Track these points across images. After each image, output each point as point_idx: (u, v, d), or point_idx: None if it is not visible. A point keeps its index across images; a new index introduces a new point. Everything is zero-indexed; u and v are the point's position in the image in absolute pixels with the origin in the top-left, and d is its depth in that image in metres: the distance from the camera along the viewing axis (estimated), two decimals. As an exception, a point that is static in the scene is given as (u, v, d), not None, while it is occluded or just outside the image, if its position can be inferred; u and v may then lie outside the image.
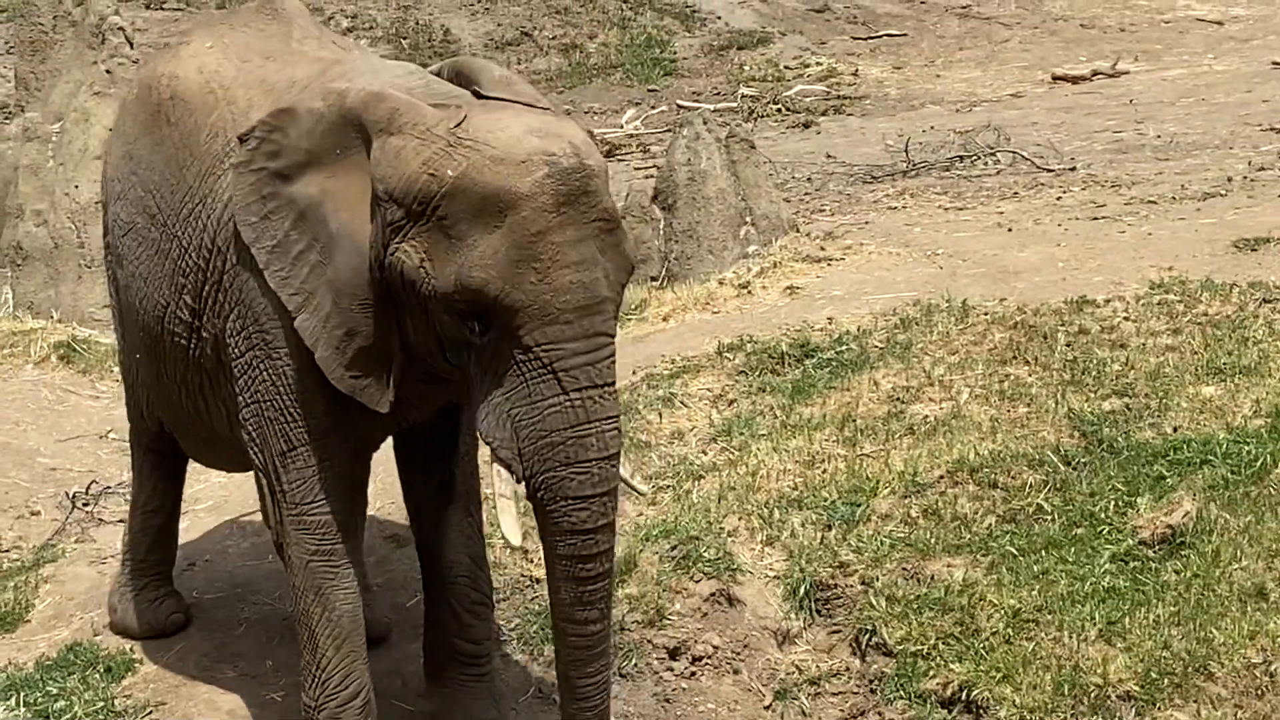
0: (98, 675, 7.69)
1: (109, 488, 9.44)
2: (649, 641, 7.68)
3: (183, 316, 6.85)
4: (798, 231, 12.14)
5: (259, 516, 7.54)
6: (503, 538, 6.27)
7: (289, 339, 6.36)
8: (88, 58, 11.88)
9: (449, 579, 7.09)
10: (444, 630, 7.11)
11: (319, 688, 6.67)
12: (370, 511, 7.35)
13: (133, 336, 7.40)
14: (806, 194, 13.54)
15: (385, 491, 8.04)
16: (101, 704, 7.49)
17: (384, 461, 7.03)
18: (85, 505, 9.31)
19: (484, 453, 6.38)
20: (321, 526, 6.57)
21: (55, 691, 7.59)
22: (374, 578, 7.82)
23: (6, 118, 12.70)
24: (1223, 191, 12.19)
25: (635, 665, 7.54)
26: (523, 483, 6.02)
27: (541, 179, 5.80)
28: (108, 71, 11.88)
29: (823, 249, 11.77)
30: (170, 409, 7.36)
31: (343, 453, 6.56)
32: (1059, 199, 12.58)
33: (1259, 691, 7.01)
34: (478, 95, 6.23)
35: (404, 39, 18.48)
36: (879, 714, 7.43)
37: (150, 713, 7.46)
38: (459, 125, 5.95)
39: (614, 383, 6.05)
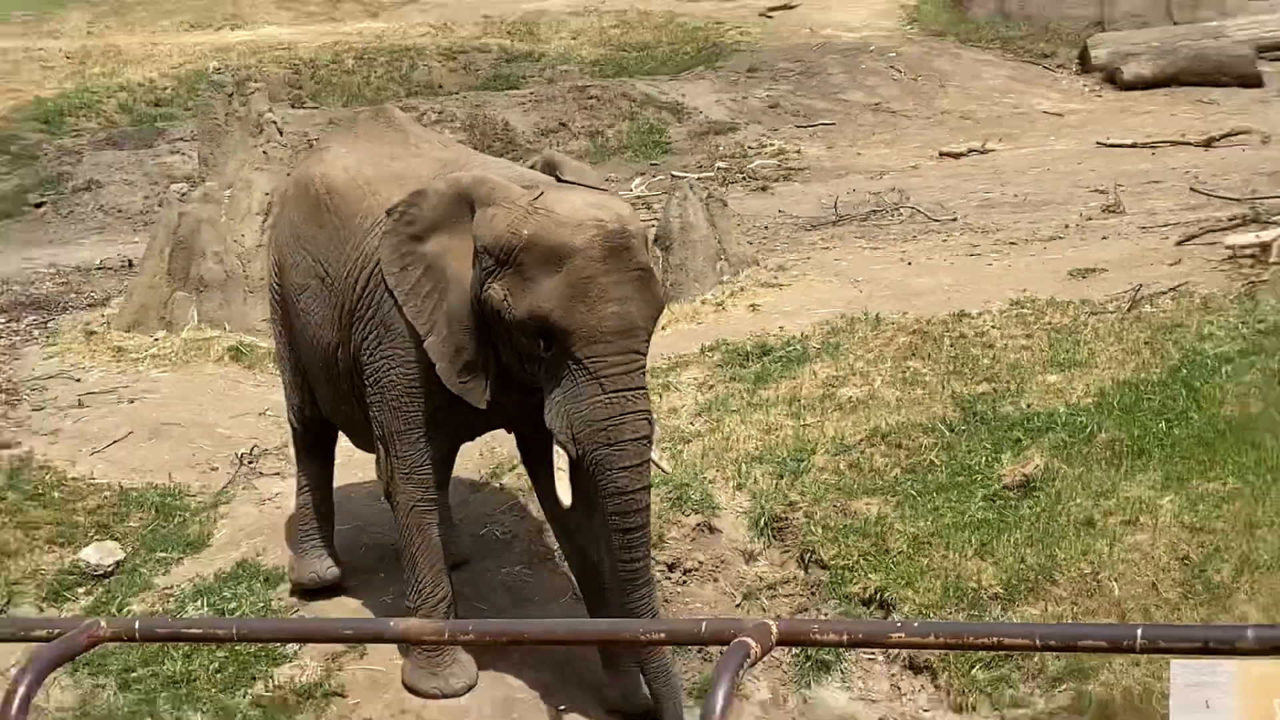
0: (259, 584, 7.76)
1: (266, 450, 9.46)
2: (654, 559, 7.72)
3: (349, 348, 6.90)
4: (758, 265, 12.13)
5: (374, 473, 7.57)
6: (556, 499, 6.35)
7: (416, 352, 6.46)
8: (249, 143, 11.91)
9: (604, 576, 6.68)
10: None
11: (418, 594, 6.78)
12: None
13: (311, 366, 7.33)
14: (764, 238, 13.51)
15: (464, 454, 8.05)
16: (261, 604, 7.55)
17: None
18: (250, 463, 9.33)
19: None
20: (425, 483, 6.68)
21: (229, 595, 7.67)
22: (456, 514, 7.84)
23: (193, 186, 12.73)
24: (1062, 235, 12.18)
25: (643, 576, 7.57)
26: (577, 455, 6.15)
27: (591, 237, 5.98)
28: (264, 153, 11.92)
29: (776, 278, 11.77)
30: (343, 416, 7.33)
31: (444, 433, 6.69)
32: (945, 241, 12.57)
33: (1089, 593, 7.05)
34: (558, 180, 6.42)
35: (475, 128, 18.47)
36: (818, 609, 7.45)
37: (296, 610, 7.51)
38: (536, 199, 6.12)
39: (644, 386, 6.20)
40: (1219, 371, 8.37)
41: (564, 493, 6.21)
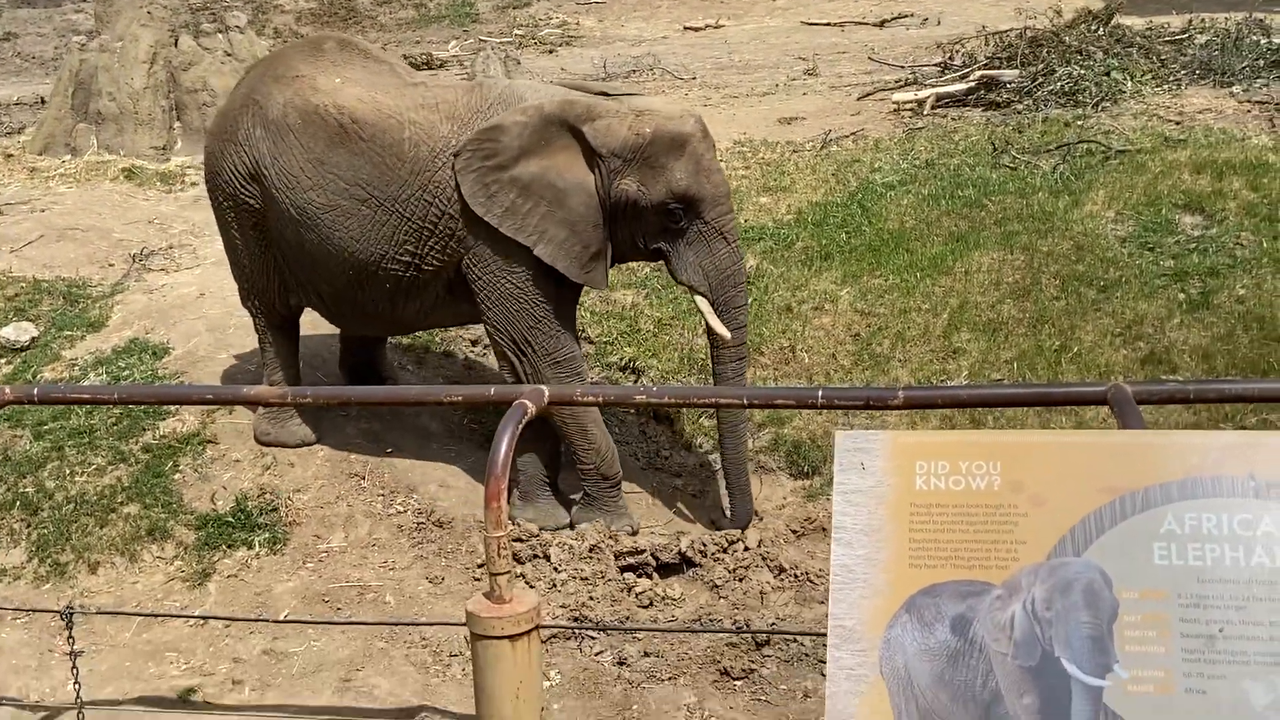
0: (148, 355, 7.36)
1: (154, 251, 8.98)
2: (461, 338, 7.54)
3: (401, 258, 5.88)
4: (544, 111, 11.87)
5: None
6: (716, 334, 5.92)
7: (521, 263, 5.78)
8: (137, 4, 11.29)
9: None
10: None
11: (595, 454, 6.07)
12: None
13: (322, 268, 6.08)
14: (549, 90, 13.23)
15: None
16: (150, 372, 7.19)
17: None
18: (140, 261, 8.85)
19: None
20: (568, 361, 5.97)
21: (123, 365, 7.27)
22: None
23: (91, 38, 11.95)
24: (773, 92, 12.09)
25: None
26: (713, 300, 5.88)
27: (694, 125, 5.74)
28: (149, 13, 11.28)
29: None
30: (358, 307, 6.20)
31: (565, 318, 5.98)
32: (686, 95, 12.38)
33: (787, 361, 7.09)
34: (607, 95, 5.93)
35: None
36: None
37: (180, 377, 7.18)
38: (632, 107, 5.78)
39: None
40: (885, 196, 8.41)
41: (719, 327, 5.90)
